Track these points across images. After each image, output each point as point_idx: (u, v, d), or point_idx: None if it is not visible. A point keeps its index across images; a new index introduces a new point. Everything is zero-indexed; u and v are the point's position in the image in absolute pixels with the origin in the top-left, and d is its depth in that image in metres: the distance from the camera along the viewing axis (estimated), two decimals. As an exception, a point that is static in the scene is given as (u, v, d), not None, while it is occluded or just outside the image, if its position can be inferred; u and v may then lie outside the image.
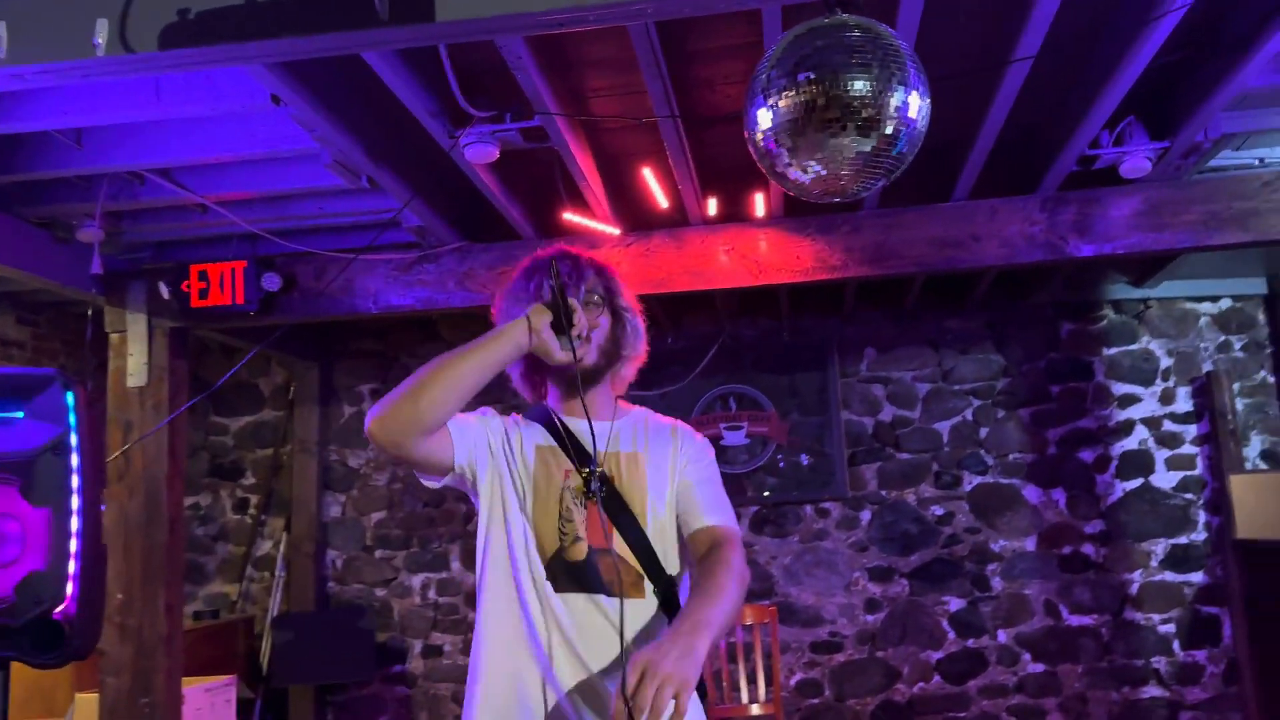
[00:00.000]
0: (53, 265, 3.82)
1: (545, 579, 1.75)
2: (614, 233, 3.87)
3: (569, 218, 3.79)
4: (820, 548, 5.34)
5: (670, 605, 1.76)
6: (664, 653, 1.43)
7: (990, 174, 3.54)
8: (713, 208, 3.79)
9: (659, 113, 2.93)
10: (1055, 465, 5.27)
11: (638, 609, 1.74)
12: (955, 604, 5.23)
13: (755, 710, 4.09)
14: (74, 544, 1.87)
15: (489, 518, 1.82)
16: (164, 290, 3.94)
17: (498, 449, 1.84)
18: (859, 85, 1.62)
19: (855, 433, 5.41)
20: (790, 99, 1.67)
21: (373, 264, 3.98)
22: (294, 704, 5.36)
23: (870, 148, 1.68)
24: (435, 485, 1.82)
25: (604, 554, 1.75)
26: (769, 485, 5.37)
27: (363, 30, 1.84)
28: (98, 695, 3.92)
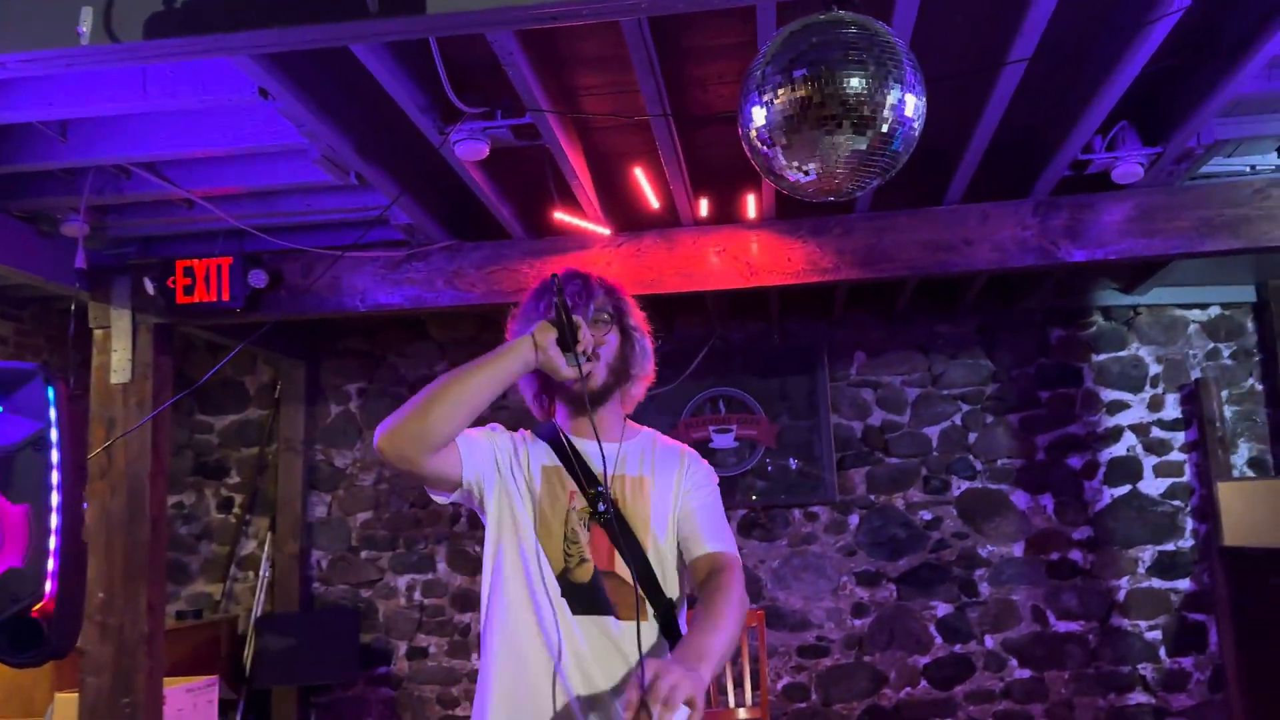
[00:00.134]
0: (36, 259, 3.77)
1: (561, 596, 1.76)
2: (605, 233, 3.85)
3: (560, 217, 3.76)
4: (808, 552, 5.32)
5: (669, 629, 1.78)
6: (675, 664, 1.45)
7: (983, 178, 3.53)
8: (704, 209, 3.78)
9: (651, 112, 2.91)
10: (1044, 471, 5.27)
11: (638, 632, 1.75)
12: (943, 609, 5.22)
13: (742, 714, 4.07)
14: (53, 541, 1.84)
15: (499, 533, 1.83)
16: (149, 286, 3.91)
17: (505, 466, 1.86)
18: (855, 83, 1.60)
19: (844, 437, 5.40)
20: (785, 96, 1.65)
21: (361, 262, 3.95)
22: (277, 705, 5.31)
23: (865, 146, 1.66)
24: (444, 500, 1.84)
25: (609, 576, 1.77)
26: (757, 489, 5.35)
27: (352, 22, 1.81)
28: (78, 695, 3.88)
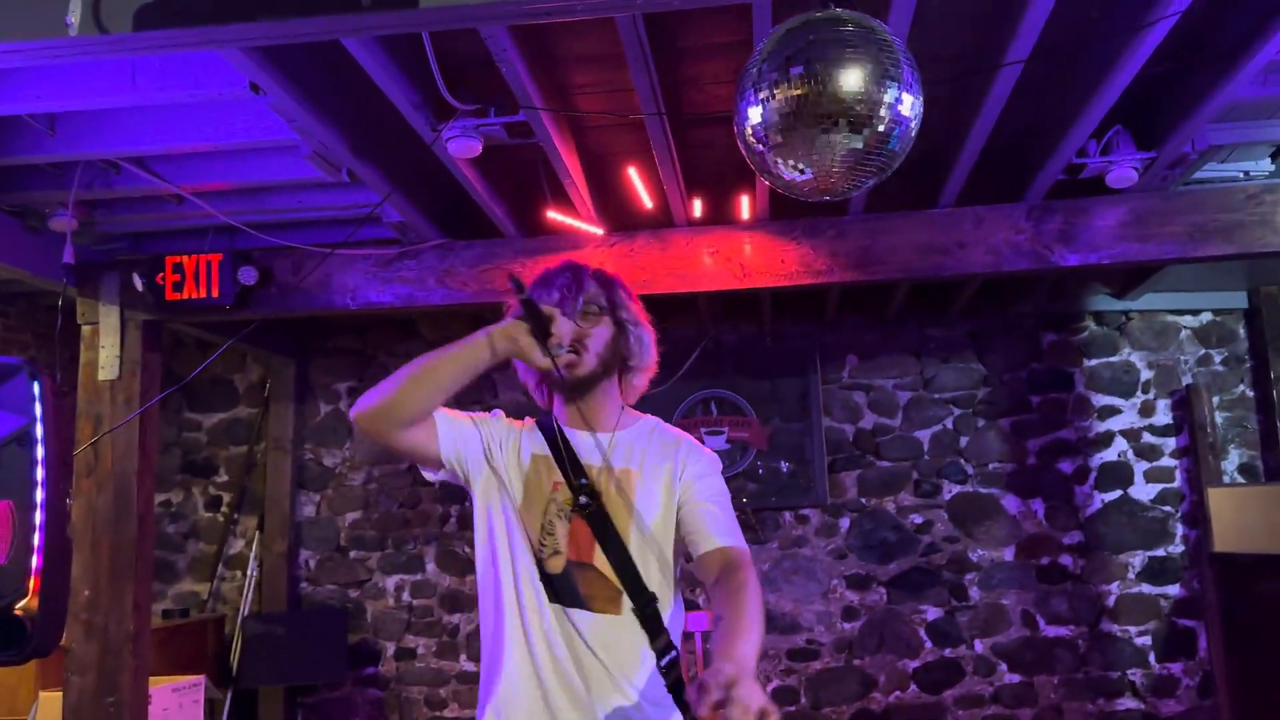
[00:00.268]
0: (23, 254, 3.73)
1: (538, 580, 1.77)
2: (598, 232, 3.83)
3: (552, 216, 3.74)
4: (799, 554, 5.31)
5: (649, 623, 1.76)
6: (747, 676, 1.35)
7: (977, 181, 3.53)
8: (698, 209, 3.76)
9: (646, 110, 2.89)
10: (1035, 475, 5.27)
11: (612, 625, 1.76)
12: (933, 613, 5.21)
13: (731, 717, 4.05)
14: (38, 538, 1.82)
15: (489, 516, 1.86)
16: (138, 282, 3.87)
17: (496, 451, 1.88)
18: (852, 81, 1.59)
19: (835, 440, 5.39)
20: (782, 94, 1.63)
21: (352, 259, 3.92)
22: (264, 705, 5.27)
23: (862, 145, 1.65)
24: (433, 478, 1.90)
25: (585, 569, 1.77)
26: (748, 491, 5.34)
27: (344, 15, 1.79)
28: (62, 693, 3.84)
